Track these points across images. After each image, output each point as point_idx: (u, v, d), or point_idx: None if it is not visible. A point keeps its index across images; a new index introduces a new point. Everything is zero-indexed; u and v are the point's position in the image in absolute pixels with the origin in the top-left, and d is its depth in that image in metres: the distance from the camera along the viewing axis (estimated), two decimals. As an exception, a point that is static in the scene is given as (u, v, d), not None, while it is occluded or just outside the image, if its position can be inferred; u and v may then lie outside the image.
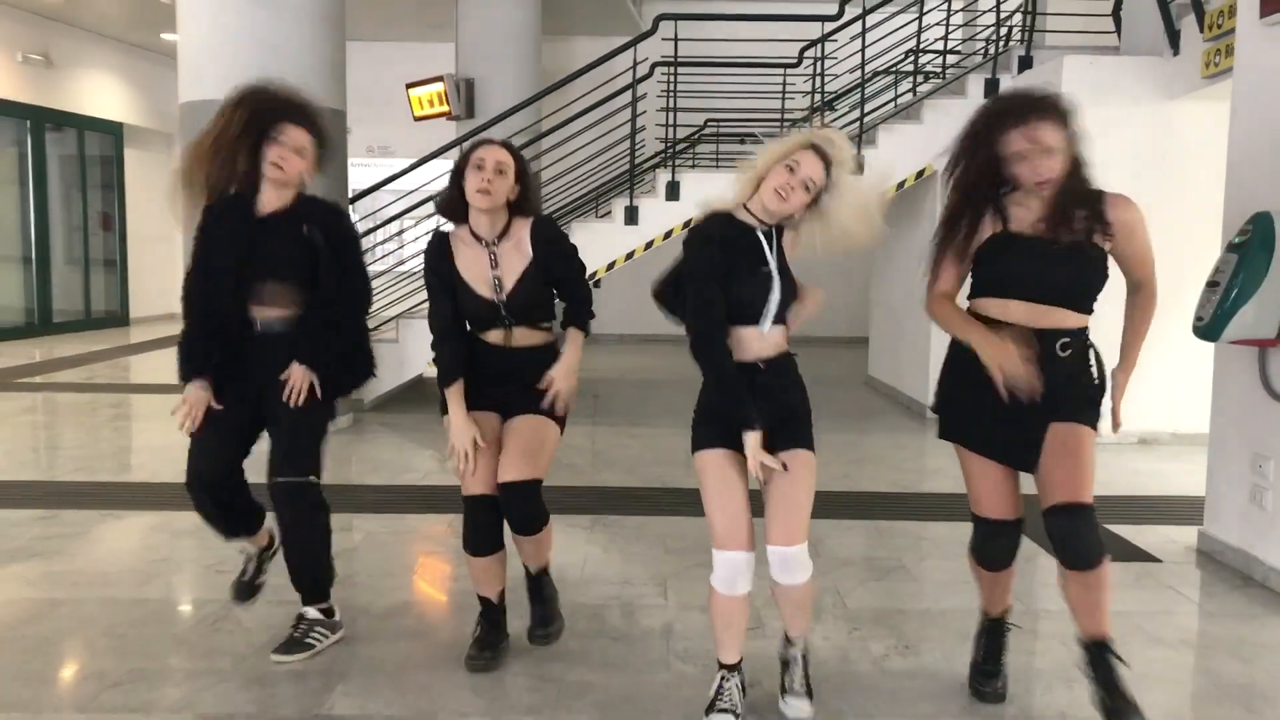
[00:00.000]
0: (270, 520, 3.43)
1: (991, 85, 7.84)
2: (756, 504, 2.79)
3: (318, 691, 3.04)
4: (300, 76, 6.71)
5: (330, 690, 3.05)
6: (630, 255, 8.06)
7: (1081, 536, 2.70)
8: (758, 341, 2.83)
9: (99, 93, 14.15)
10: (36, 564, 4.20)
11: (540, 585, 3.35)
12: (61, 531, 4.65)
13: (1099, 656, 2.77)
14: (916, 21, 8.68)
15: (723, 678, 2.90)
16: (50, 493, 5.38)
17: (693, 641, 3.46)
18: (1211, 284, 4.15)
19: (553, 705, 2.98)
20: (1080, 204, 2.80)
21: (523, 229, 3.20)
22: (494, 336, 3.21)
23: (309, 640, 3.32)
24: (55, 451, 6.52)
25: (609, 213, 8.54)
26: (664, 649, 3.42)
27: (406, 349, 7.95)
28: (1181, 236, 5.89)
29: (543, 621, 3.35)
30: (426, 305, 8.82)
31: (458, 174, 3.15)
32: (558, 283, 3.26)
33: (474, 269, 3.16)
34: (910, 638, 3.55)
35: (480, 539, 3.16)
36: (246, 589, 3.60)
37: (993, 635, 3.12)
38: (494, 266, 3.16)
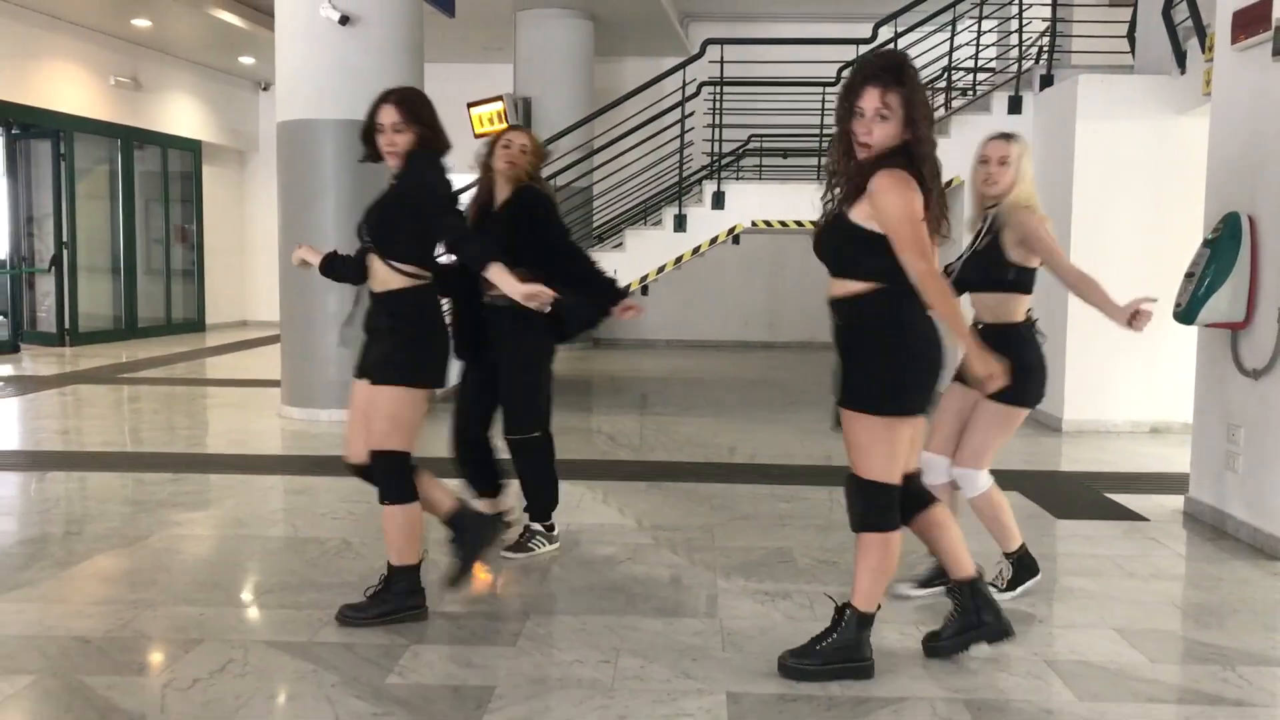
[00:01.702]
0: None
1: (1014, 102, 8.44)
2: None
3: (437, 597, 3.75)
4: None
5: (443, 596, 3.77)
6: (679, 260, 8.71)
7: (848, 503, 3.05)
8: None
9: (180, 113, 15.12)
10: (180, 511, 4.97)
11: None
12: (192, 489, 5.43)
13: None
14: (949, 42, 9.28)
15: None
16: (175, 461, 6.16)
17: (733, 570, 4.14)
18: (1188, 275, 4.77)
19: (621, 609, 3.67)
20: (861, 175, 2.79)
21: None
22: None
23: (529, 546, 4.26)
24: (163, 431, 7.34)
25: (659, 221, 9.25)
26: (710, 576, 4.09)
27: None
28: (1187, 240, 6.43)
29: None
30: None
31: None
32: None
33: None
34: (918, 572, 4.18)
35: None
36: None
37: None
38: None
